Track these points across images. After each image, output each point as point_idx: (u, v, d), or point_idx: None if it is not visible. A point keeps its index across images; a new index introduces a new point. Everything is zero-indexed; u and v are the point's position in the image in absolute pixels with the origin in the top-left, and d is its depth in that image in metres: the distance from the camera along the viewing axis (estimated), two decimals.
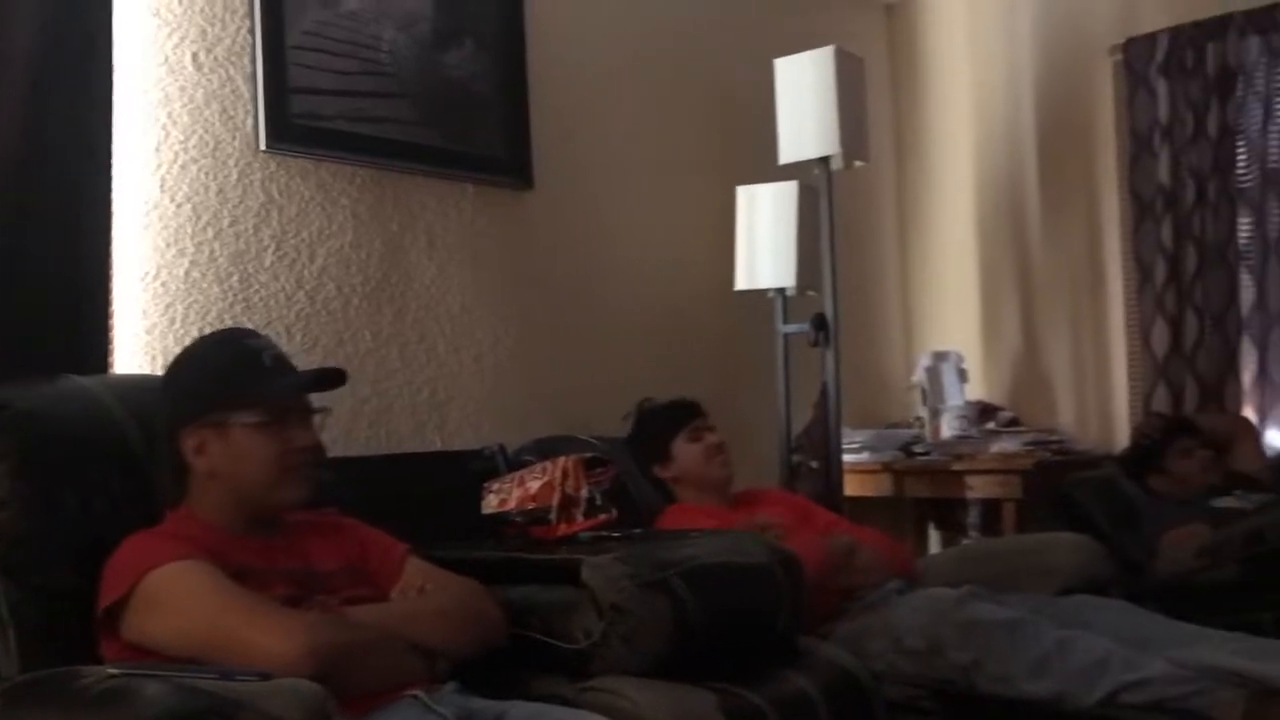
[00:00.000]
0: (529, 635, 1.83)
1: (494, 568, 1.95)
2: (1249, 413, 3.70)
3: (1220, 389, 3.73)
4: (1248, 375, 3.73)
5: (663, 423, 2.70)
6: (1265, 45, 3.69)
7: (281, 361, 1.77)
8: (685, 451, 2.65)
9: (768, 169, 3.41)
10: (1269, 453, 3.62)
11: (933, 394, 3.96)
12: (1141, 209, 3.88)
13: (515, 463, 2.46)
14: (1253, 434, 3.58)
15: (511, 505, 2.12)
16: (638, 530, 2.16)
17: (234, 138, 2.47)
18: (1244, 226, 3.74)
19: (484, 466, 2.48)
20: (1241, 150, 3.74)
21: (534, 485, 2.08)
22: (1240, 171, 3.74)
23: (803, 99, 3.29)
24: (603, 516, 2.06)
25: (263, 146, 2.50)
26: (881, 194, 4.47)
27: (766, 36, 3.73)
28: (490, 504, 2.18)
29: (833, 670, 1.96)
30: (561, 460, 2.08)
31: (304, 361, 2.41)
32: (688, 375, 3.41)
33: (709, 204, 3.56)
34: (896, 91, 4.54)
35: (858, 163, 3.35)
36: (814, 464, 3.44)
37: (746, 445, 3.44)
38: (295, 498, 1.74)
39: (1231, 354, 3.73)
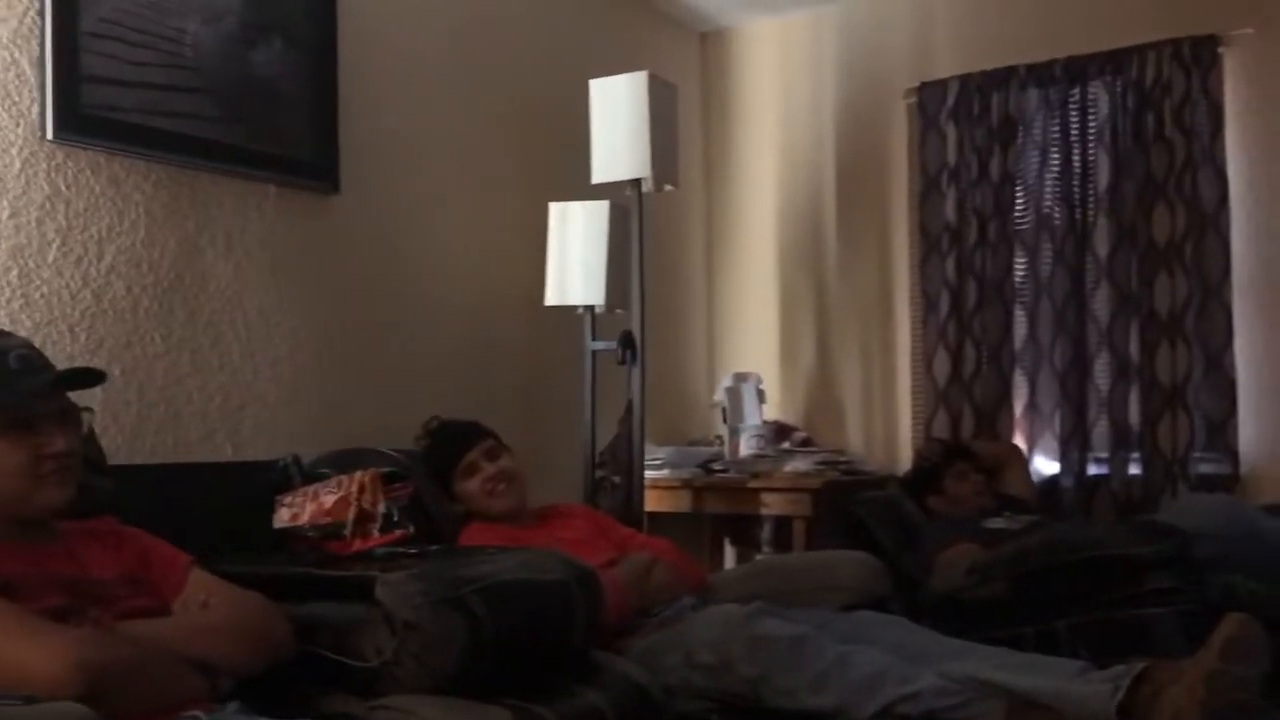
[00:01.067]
0: (319, 653, 1.79)
1: (284, 583, 1.90)
2: (1019, 440, 3.96)
3: (994, 417, 3.99)
4: (1019, 405, 4.00)
5: (442, 456, 2.69)
6: (1043, 98, 3.98)
7: (30, 362, 1.67)
8: (465, 489, 2.66)
9: (581, 187, 3.44)
10: (1035, 478, 3.89)
11: (732, 413, 4.07)
12: (929, 245, 4.11)
13: (310, 475, 2.40)
14: (1022, 460, 3.83)
15: (304, 519, 2.07)
16: (435, 547, 2.15)
17: (18, 125, 2.33)
18: (1020, 266, 4.01)
19: (277, 478, 2.42)
20: (1020, 195, 4.01)
21: (329, 499, 2.04)
22: (1018, 214, 4.01)
23: (616, 121, 3.34)
24: (399, 532, 2.04)
25: (49, 136, 2.36)
26: (691, 218, 4.58)
27: (584, 57, 3.78)
28: (282, 518, 2.13)
29: (625, 685, 1.99)
30: (358, 474, 2.05)
31: (88, 364, 2.30)
32: (494, 389, 3.41)
33: (521, 218, 3.57)
34: (708, 119, 4.67)
35: (668, 186, 3.43)
36: (616, 479, 3.49)
37: (551, 460, 3.47)
38: (53, 504, 1.66)
39: (1005, 385, 3.99)
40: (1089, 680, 2.02)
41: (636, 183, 3.35)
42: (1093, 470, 3.87)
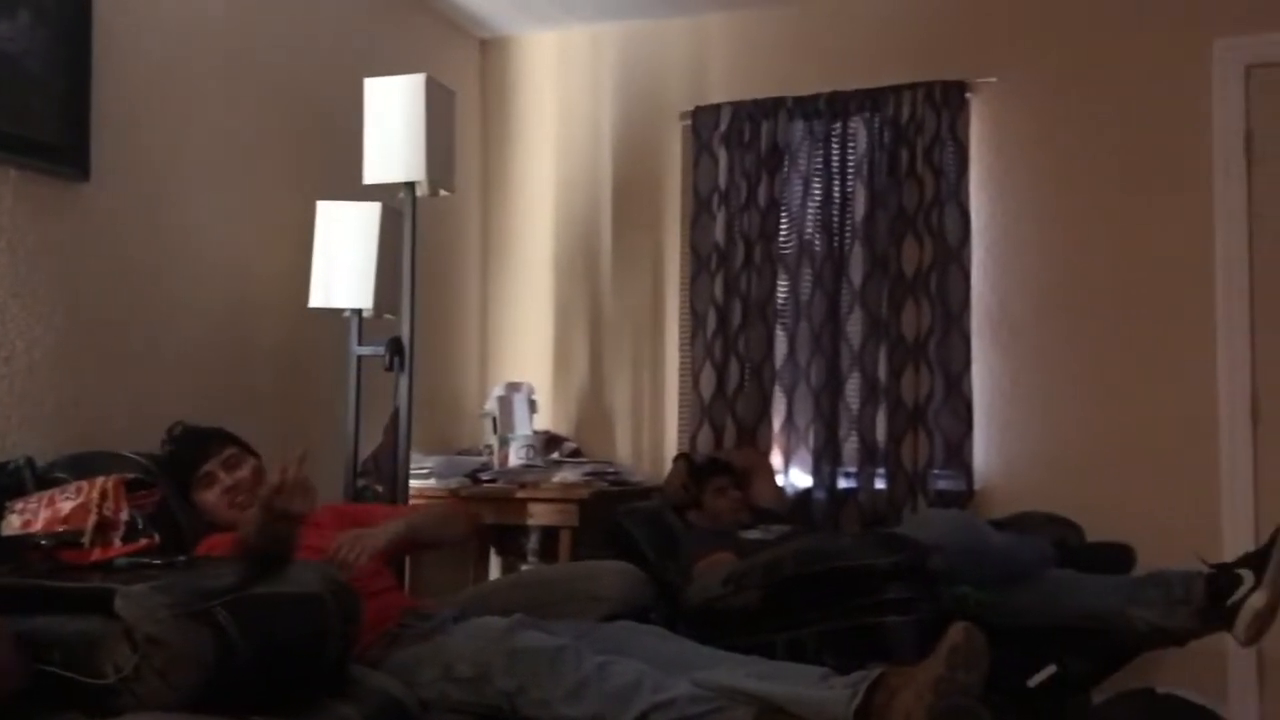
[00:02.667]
0: (50, 670, 1.67)
1: (12, 595, 1.77)
2: (776, 454, 4.14)
3: (755, 431, 4.15)
4: (777, 420, 4.17)
5: (180, 465, 2.58)
6: (808, 129, 4.18)
7: None
8: (203, 499, 2.56)
9: (352, 187, 3.37)
10: (789, 490, 4.06)
11: (503, 423, 4.07)
12: (699, 264, 4.24)
13: (45, 479, 2.25)
14: (767, 466, 4.00)
15: (38, 527, 1.93)
16: (181, 558, 2.05)
17: None
18: (782, 288, 4.19)
19: (7, 482, 2.25)
20: (784, 220, 4.19)
21: (66, 506, 1.92)
22: (782, 239, 4.19)
23: (391, 122, 3.29)
24: (144, 541, 1.93)
25: None
26: (467, 225, 4.55)
27: (361, 55, 3.70)
28: (12, 525, 1.98)
29: (380, 699, 1.96)
30: (100, 480, 1.94)
31: None
32: (252, 392, 3.28)
33: (287, 216, 3.45)
34: (487, 127, 4.66)
35: (443, 192, 3.40)
36: (379, 489, 3.42)
37: (311, 468, 3.34)
38: None
39: (765, 401, 4.16)
40: (831, 686, 2.13)
41: (410, 186, 3.31)
42: (842, 484, 4.08)
